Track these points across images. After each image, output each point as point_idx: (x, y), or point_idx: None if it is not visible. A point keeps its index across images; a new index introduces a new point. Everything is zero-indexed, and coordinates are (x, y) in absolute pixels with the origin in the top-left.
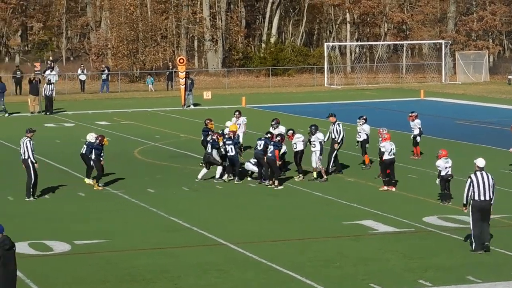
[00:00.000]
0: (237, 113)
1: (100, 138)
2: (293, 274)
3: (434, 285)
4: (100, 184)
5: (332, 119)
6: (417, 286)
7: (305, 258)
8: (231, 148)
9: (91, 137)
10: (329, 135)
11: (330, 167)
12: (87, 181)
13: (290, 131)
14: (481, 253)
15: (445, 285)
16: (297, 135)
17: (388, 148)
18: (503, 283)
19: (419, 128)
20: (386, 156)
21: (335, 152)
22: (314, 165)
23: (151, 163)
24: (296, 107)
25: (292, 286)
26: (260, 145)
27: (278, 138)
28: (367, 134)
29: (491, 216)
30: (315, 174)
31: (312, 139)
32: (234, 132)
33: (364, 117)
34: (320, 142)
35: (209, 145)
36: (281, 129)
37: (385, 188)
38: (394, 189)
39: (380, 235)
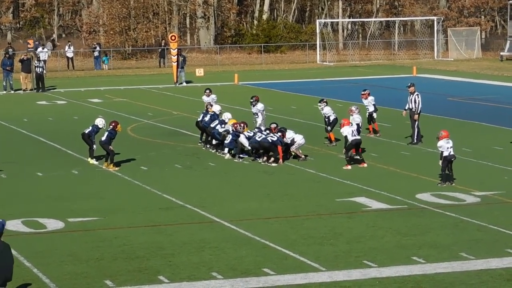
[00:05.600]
0: (207, 91)
1: (114, 124)
2: (286, 252)
3: (427, 261)
4: (116, 166)
5: (411, 89)
6: (410, 263)
7: (298, 236)
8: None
9: (99, 122)
10: (408, 105)
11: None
12: (91, 161)
13: (273, 125)
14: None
15: (439, 262)
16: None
17: (348, 131)
18: (496, 260)
19: (374, 105)
20: (350, 138)
21: (416, 122)
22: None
23: (144, 141)
24: (289, 84)
25: (286, 263)
26: (259, 137)
27: (279, 134)
28: (328, 117)
29: (484, 193)
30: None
31: (253, 111)
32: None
33: (325, 100)
34: (261, 113)
35: (229, 136)
36: (259, 106)
37: (349, 167)
38: (365, 165)
39: (373, 212)
